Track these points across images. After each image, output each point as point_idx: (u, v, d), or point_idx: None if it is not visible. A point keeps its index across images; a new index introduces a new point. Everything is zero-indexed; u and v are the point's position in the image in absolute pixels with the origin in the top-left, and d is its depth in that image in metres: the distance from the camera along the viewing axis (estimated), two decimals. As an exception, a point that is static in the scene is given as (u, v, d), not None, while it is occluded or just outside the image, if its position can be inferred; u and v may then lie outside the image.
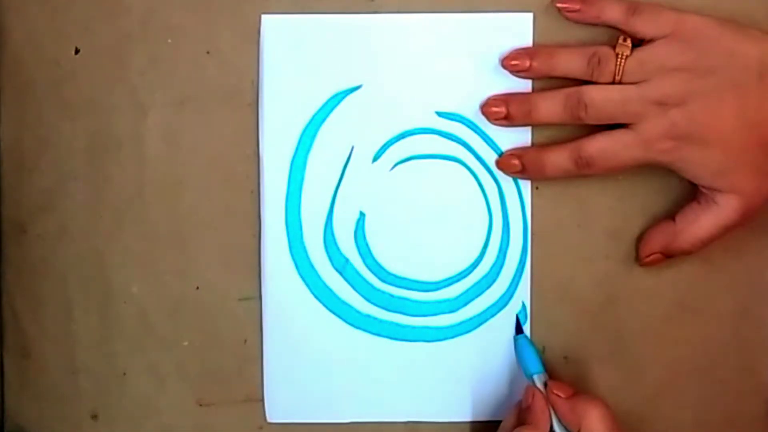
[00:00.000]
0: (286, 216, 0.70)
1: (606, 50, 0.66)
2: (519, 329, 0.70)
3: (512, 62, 0.68)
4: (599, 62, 0.66)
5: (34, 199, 0.71)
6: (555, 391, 0.67)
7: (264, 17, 0.69)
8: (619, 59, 0.65)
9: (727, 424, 0.71)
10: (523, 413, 0.67)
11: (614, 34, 0.67)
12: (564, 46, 0.68)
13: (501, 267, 0.70)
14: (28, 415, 0.72)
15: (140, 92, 0.70)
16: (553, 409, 0.66)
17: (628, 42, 0.66)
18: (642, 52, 0.65)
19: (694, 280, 0.71)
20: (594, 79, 0.66)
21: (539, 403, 0.67)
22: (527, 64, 0.68)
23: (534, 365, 0.68)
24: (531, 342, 0.70)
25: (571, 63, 0.67)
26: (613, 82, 0.66)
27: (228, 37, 0.70)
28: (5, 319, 0.72)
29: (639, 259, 0.70)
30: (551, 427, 0.66)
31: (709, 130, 0.65)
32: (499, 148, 0.70)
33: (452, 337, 0.71)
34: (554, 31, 0.69)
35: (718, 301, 0.71)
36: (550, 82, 0.68)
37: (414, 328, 0.71)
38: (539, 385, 0.67)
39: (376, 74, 0.69)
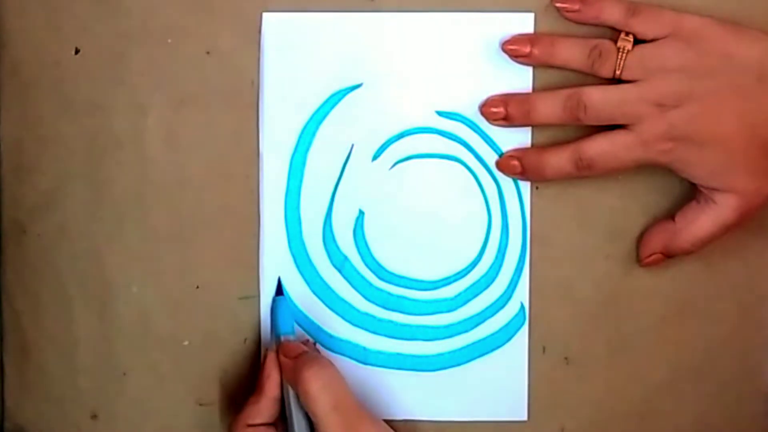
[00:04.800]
0: (285, 214, 0.70)
1: (608, 44, 0.66)
2: (279, 291, 0.70)
3: (512, 47, 0.68)
4: (600, 55, 0.66)
5: (34, 199, 0.71)
6: (282, 352, 0.67)
7: (265, 15, 0.69)
8: (620, 53, 0.66)
9: (727, 424, 0.71)
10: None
11: (616, 34, 0.67)
12: (566, 36, 0.68)
13: (500, 267, 0.70)
14: (28, 415, 0.72)
15: (140, 92, 0.70)
16: (282, 369, 0.66)
17: (630, 37, 0.66)
18: (643, 49, 0.65)
19: (694, 280, 0.71)
20: (594, 72, 0.66)
21: (269, 365, 0.67)
22: (527, 50, 0.68)
23: (283, 327, 0.68)
24: (289, 306, 0.70)
25: (571, 53, 0.67)
26: (612, 77, 0.66)
27: (228, 37, 0.70)
28: (5, 319, 0.72)
29: (639, 259, 0.70)
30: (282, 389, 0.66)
31: (709, 131, 0.65)
32: (499, 148, 0.70)
33: (450, 337, 0.71)
34: (555, 31, 0.69)
35: (718, 301, 0.71)
36: (550, 83, 0.68)
37: (412, 326, 0.71)
38: (278, 345, 0.68)
39: (377, 73, 0.69)
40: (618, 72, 0.66)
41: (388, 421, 0.68)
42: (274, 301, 0.70)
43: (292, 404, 0.66)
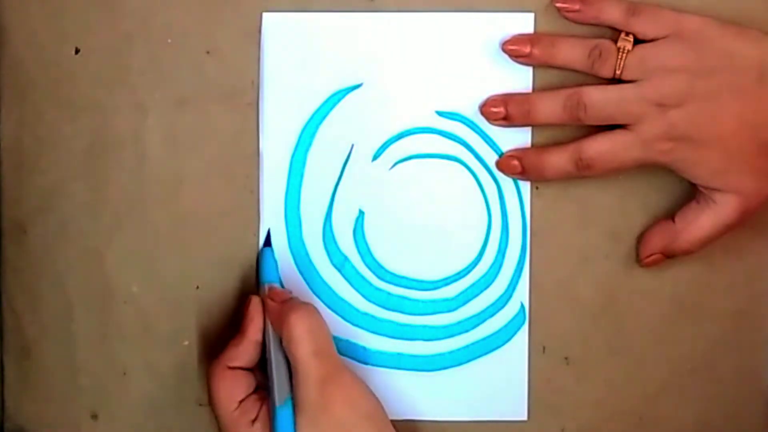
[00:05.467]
0: (285, 213, 0.70)
1: (608, 44, 0.66)
2: (268, 243, 0.70)
3: (512, 47, 0.68)
4: (600, 55, 0.66)
5: (34, 199, 0.71)
6: (269, 295, 0.67)
7: (265, 15, 0.69)
8: (620, 53, 0.66)
9: (727, 424, 0.71)
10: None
11: (617, 34, 0.67)
12: (566, 36, 0.68)
13: (500, 267, 0.70)
14: (28, 415, 0.72)
15: (140, 92, 0.70)
16: (266, 312, 0.67)
17: (630, 37, 0.66)
18: (644, 49, 0.65)
19: (694, 280, 0.71)
20: (594, 72, 0.66)
21: (252, 308, 0.67)
22: (527, 50, 0.68)
23: (268, 275, 0.69)
24: (275, 258, 0.70)
25: (572, 53, 0.67)
26: (613, 77, 0.66)
27: (228, 37, 0.70)
28: (5, 319, 0.72)
29: (639, 260, 0.70)
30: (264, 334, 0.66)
31: (708, 131, 0.65)
32: (499, 148, 0.70)
33: (450, 337, 0.71)
34: (555, 31, 0.69)
35: (718, 301, 0.71)
36: (550, 83, 0.68)
37: (412, 326, 0.71)
38: (263, 293, 0.68)
39: (377, 73, 0.69)
40: (618, 72, 0.66)
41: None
42: (261, 251, 0.70)
43: (273, 349, 0.66)
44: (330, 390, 0.63)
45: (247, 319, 0.67)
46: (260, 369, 0.67)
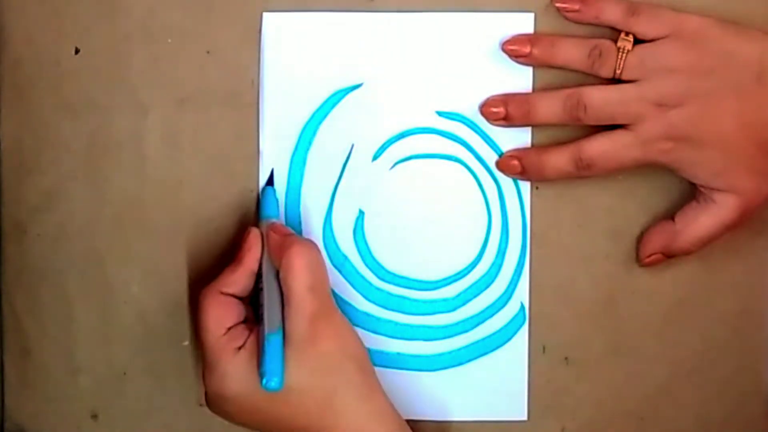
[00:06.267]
0: (285, 214, 0.70)
1: (608, 44, 0.66)
2: (270, 182, 0.70)
3: (512, 47, 0.68)
4: (600, 55, 0.66)
5: (34, 199, 0.71)
6: (270, 228, 0.67)
7: (265, 15, 0.69)
8: (620, 53, 0.66)
9: (727, 424, 0.71)
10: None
11: (617, 34, 0.67)
12: (566, 36, 0.68)
13: (500, 267, 0.70)
14: (28, 415, 0.72)
15: (140, 92, 0.70)
16: (266, 242, 0.67)
17: (630, 37, 0.66)
18: (643, 49, 0.65)
19: (694, 280, 0.71)
20: (594, 72, 0.66)
21: (251, 238, 0.67)
22: (527, 50, 0.68)
23: (269, 211, 0.69)
24: (277, 198, 0.70)
25: (571, 53, 0.67)
26: (613, 77, 0.66)
27: (228, 37, 0.70)
28: (5, 319, 0.72)
29: (639, 260, 0.70)
30: (260, 268, 0.66)
31: (708, 131, 0.65)
32: (499, 148, 0.70)
33: (450, 337, 0.71)
34: (555, 31, 0.69)
35: (718, 301, 0.71)
36: (550, 83, 0.68)
37: (412, 326, 0.71)
38: (263, 227, 0.68)
39: (377, 73, 0.69)
40: (618, 72, 0.66)
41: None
42: (262, 189, 0.70)
43: (268, 279, 0.66)
44: (321, 326, 0.64)
45: (245, 248, 0.67)
46: (250, 304, 0.67)
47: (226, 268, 0.67)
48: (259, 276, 0.67)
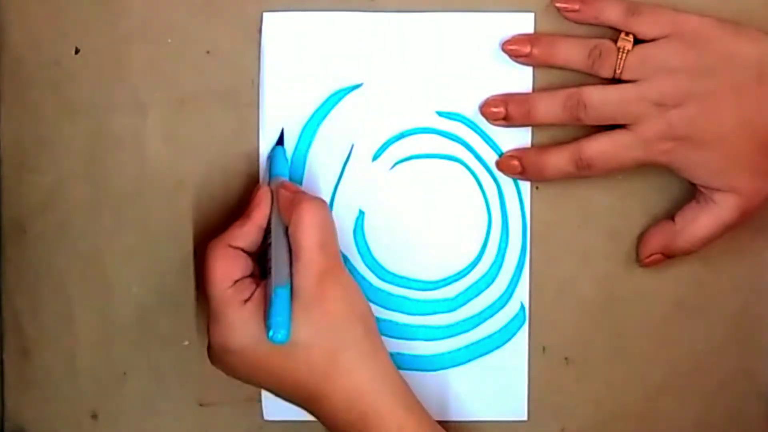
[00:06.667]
0: (285, 214, 0.70)
1: (608, 44, 0.66)
2: (280, 142, 0.70)
3: (512, 47, 0.68)
4: (600, 55, 0.66)
5: (34, 199, 0.71)
6: (281, 186, 0.67)
7: (265, 15, 0.69)
8: (620, 53, 0.66)
9: (728, 424, 0.71)
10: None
11: (617, 34, 0.67)
12: (566, 36, 0.68)
13: (500, 267, 0.70)
14: (28, 415, 0.72)
15: (140, 92, 0.70)
16: (276, 199, 0.66)
17: (630, 37, 0.66)
18: (643, 49, 0.65)
19: (694, 280, 0.71)
20: (594, 72, 0.66)
21: (261, 194, 0.66)
22: (527, 50, 0.68)
23: (279, 170, 0.68)
24: (287, 158, 0.69)
25: (571, 53, 0.67)
26: (613, 77, 0.66)
27: (228, 37, 0.70)
28: (5, 319, 0.72)
29: (639, 260, 0.70)
30: (269, 223, 0.66)
31: (708, 131, 0.65)
32: (499, 148, 0.70)
33: (450, 337, 0.71)
34: (555, 31, 0.68)
35: (718, 301, 0.71)
36: (550, 83, 0.68)
37: (412, 326, 0.71)
38: (273, 184, 0.67)
39: (377, 73, 0.69)
40: (618, 72, 0.66)
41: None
42: (273, 149, 0.69)
43: (277, 236, 0.65)
44: (328, 284, 0.64)
45: (254, 203, 0.66)
46: (256, 262, 0.67)
47: (234, 222, 0.66)
48: (267, 232, 0.66)
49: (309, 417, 0.66)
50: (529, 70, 0.69)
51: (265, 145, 0.70)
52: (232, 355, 0.64)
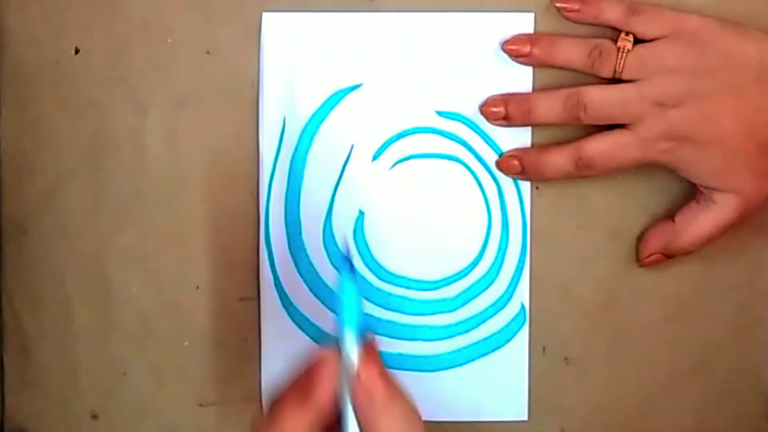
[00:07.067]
0: (285, 214, 0.70)
1: (608, 44, 0.66)
2: (348, 265, 0.57)
3: (512, 47, 0.68)
4: (600, 54, 0.66)
5: (34, 199, 0.71)
6: (362, 362, 0.55)
7: (265, 15, 0.69)
8: (620, 53, 0.66)
9: (728, 424, 0.71)
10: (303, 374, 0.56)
11: (617, 34, 0.67)
12: (566, 36, 0.68)
13: (500, 267, 0.70)
14: (28, 415, 0.72)
15: (140, 92, 0.70)
16: (352, 397, 0.55)
17: (630, 37, 0.66)
18: (644, 49, 0.65)
19: (694, 280, 0.71)
20: (594, 72, 0.66)
21: (322, 367, 0.55)
22: (527, 49, 0.68)
23: (349, 314, 0.55)
24: (358, 288, 0.56)
25: (571, 53, 0.67)
26: (613, 77, 0.66)
27: (228, 37, 0.70)
28: (5, 319, 0.72)
29: (639, 260, 0.70)
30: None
31: (708, 131, 0.65)
32: (499, 148, 0.70)
33: (450, 337, 0.71)
34: (555, 31, 0.69)
35: (718, 301, 0.71)
36: (550, 83, 0.68)
37: (412, 326, 0.71)
38: (345, 344, 0.55)
39: (377, 73, 0.69)
40: (618, 72, 0.66)
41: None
42: (339, 279, 0.57)
43: (349, 421, 0.55)
44: None
45: (315, 380, 0.55)
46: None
47: (288, 398, 0.55)
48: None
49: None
50: (529, 70, 0.69)
51: (265, 145, 0.70)
52: None
